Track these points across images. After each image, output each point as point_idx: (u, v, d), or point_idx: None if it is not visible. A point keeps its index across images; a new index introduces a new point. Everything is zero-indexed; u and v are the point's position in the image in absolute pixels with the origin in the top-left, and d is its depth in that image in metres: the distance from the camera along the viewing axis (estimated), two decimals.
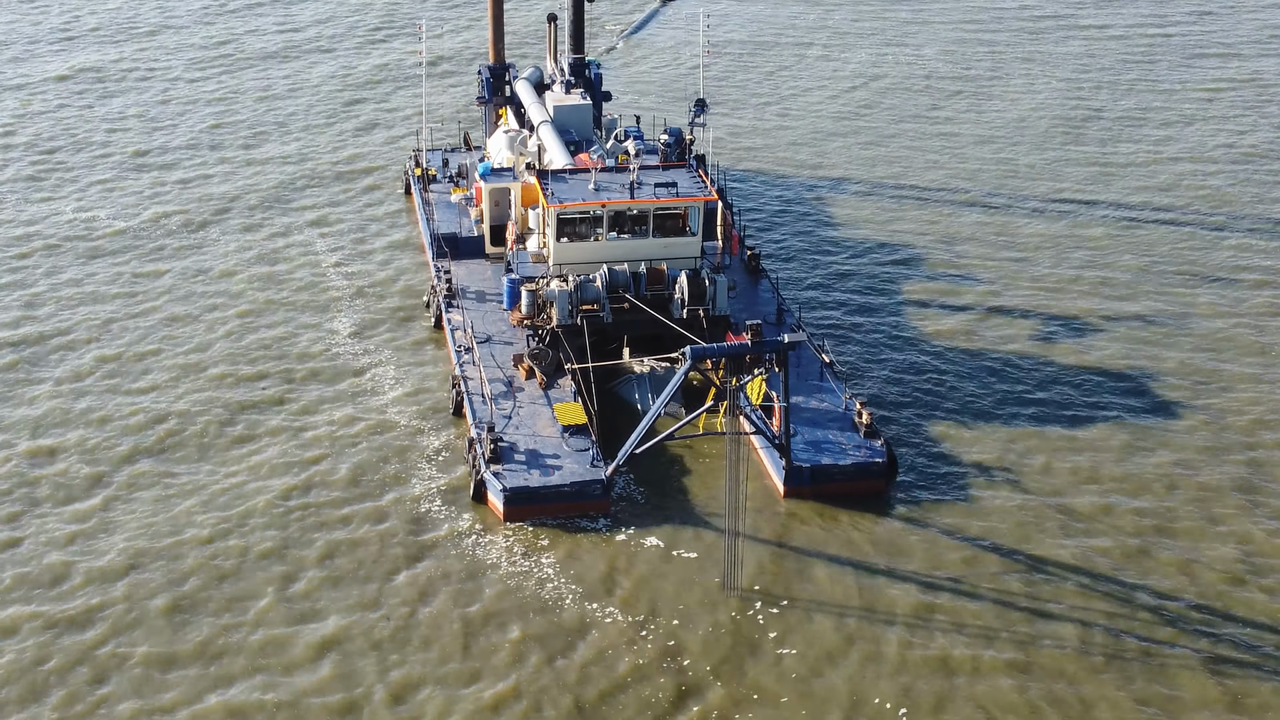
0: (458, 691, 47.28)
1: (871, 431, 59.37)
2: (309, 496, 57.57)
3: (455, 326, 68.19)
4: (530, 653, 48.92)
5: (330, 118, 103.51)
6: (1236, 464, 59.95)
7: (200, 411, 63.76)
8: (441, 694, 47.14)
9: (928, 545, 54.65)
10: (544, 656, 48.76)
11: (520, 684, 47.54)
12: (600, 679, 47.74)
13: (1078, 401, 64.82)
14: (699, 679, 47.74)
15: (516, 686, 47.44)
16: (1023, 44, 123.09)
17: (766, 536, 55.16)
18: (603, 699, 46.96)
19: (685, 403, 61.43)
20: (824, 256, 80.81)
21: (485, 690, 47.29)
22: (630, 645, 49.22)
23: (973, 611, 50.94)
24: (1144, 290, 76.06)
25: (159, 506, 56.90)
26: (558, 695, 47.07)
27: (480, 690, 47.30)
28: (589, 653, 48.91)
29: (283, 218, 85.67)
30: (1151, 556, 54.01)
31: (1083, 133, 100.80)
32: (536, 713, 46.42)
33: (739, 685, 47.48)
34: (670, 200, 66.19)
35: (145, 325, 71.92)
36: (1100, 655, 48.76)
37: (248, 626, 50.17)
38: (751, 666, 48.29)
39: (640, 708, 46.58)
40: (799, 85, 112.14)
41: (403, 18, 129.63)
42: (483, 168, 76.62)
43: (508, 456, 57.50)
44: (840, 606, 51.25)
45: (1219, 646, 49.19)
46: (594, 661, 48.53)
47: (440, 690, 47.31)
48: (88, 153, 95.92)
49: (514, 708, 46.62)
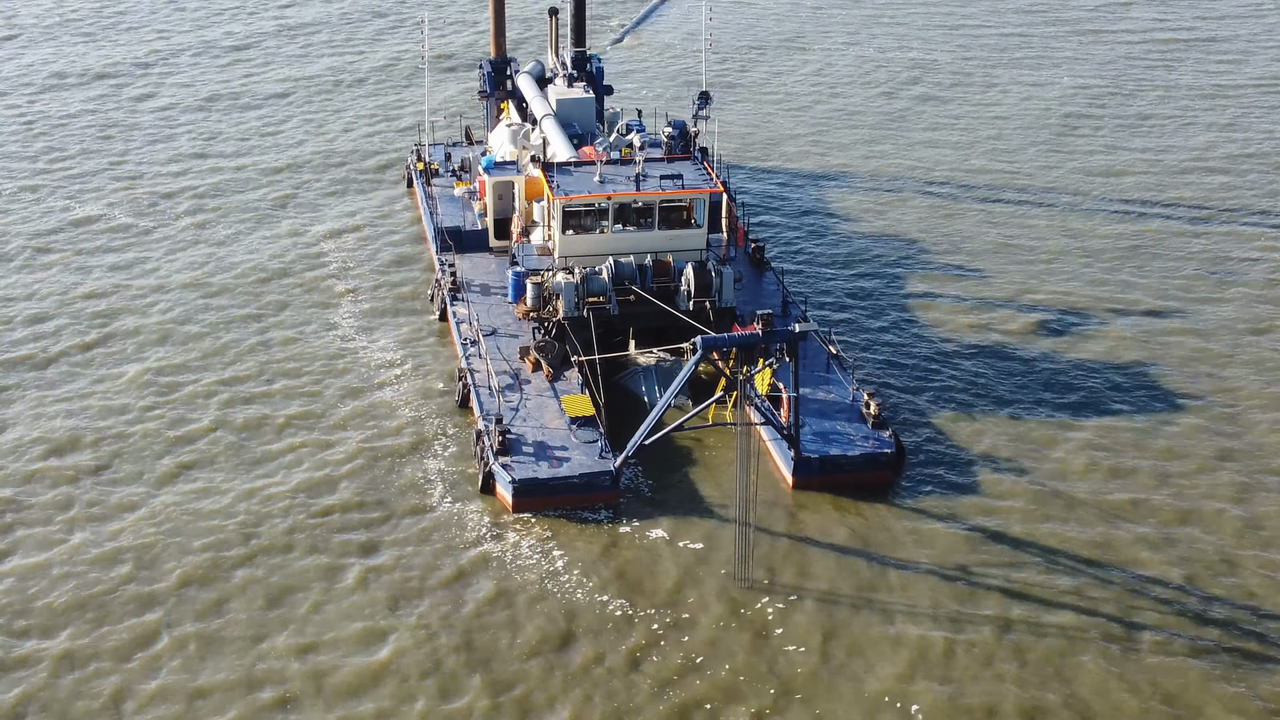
0: (461, 684, 47.27)
1: (879, 422, 59.34)
2: (313, 493, 57.46)
3: (460, 320, 68.14)
4: (537, 644, 48.86)
5: (330, 114, 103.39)
6: (1243, 454, 59.99)
7: (201, 407, 63.69)
8: (445, 685, 47.11)
9: (936, 535, 54.65)
10: (551, 648, 48.71)
11: (527, 675, 47.48)
12: (609, 670, 47.69)
13: (1086, 392, 64.82)
14: (708, 670, 47.69)
15: (524, 678, 47.39)
16: (1025, 37, 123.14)
17: (775, 527, 55.14)
18: (613, 691, 46.91)
19: (690, 395, 61.36)
20: (828, 249, 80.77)
21: (489, 684, 47.26)
22: (640, 636, 49.16)
23: (981, 600, 50.93)
24: (1152, 282, 76.03)
25: (169, 501, 56.92)
26: (566, 687, 47.04)
27: (482, 685, 47.27)
28: (596, 644, 48.85)
29: (283, 213, 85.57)
30: (1161, 547, 54.00)
31: (1087, 126, 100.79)
32: (545, 706, 46.38)
33: (749, 676, 47.44)
34: (676, 192, 66.14)
35: (145, 321, 71.87)
36: (1113, 645, 48.75)
37: (246, 615, 50.16)
38: (761, 657, 48.24)
39: (651, 698, 46.53)
40: (801, 78, 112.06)
41: (404, 12, 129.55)
42: (486, 161, 76.54)
43: (516, 448, 57.45)
44: (849, 597, 51.23)
45: (1222, 635, 49.30)
46: (602, 653, 48.47)
47: (444, 681, 47.29)
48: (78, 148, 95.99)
49: (519, 700, 46.55)
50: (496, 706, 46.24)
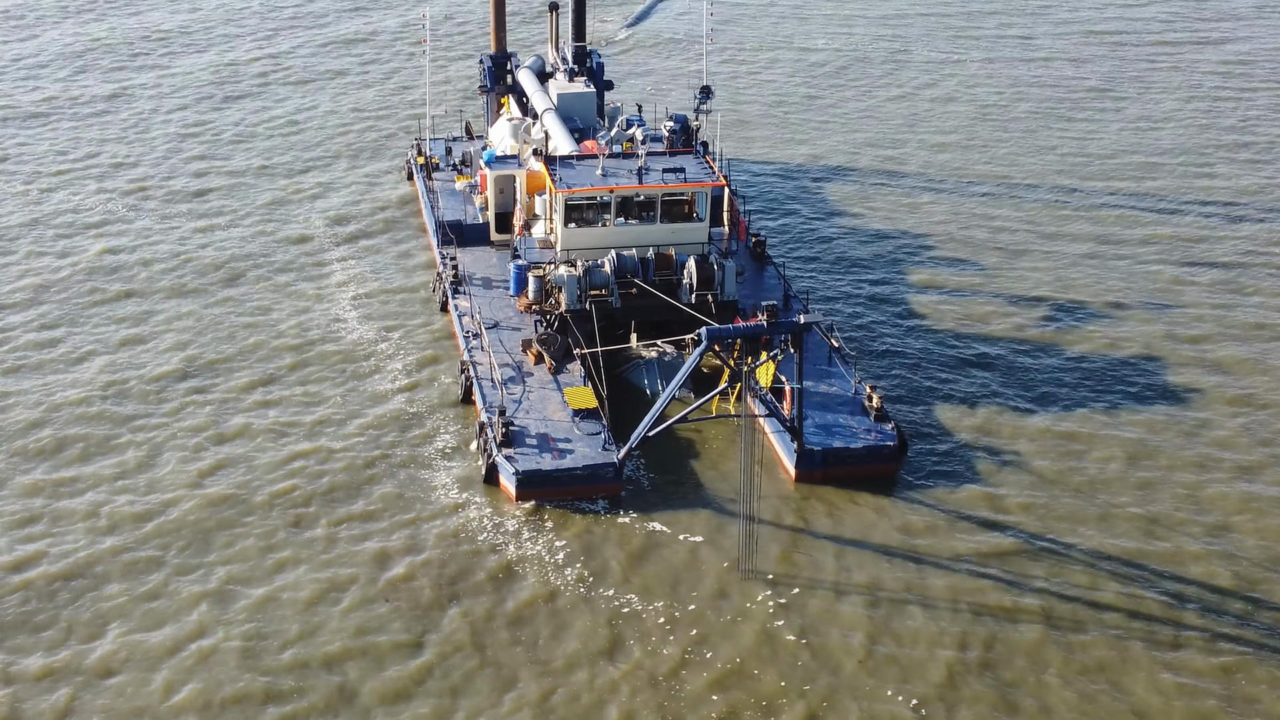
0: (464, 680, 47.37)
1: (881, 415, 59.50)
2: (318, 482, 57.52)
3: (462, 312, 68.25)
4: (540, 635, 48.97)
5: (331, 110, 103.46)
6: (1244, 446, 60.22)
7: (201, 400, 63.78)
8: (449, 679, 47.21)
9: (938, 526, 54.82)
10: (554, 638, 48.80)
11: (532, 669, 47.56)
12: (612, 663, 47.78)
13: (1086, 385, 65.01)
14: (711, 660, 47.80)
15: (529, 672, 47.47)
16: (1029, 31, 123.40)
17: (778, 519, 55.28)
18: (615, 683, 46.97)
19: (692, 388, 61.47)
20: (828, 243, 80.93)
21: (494, 678, 47.35)
22: (642, 627, 49.26)
23: (984, 591, 51.07)
24: (1157, 278, 76.20)
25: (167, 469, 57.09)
26: (571, 681, 47.11)
27: (488, 679, 47.34)
28: (599, 635, 48.93)
29: (284, 209, 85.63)
30: (1163, 541, 54.18)
31: (1091, 122, 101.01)
32: (546, 696, 46.45)
33: (752, 667, 47.54)
34: (678, 186, 66.29)
35: (144, 309, 71.99)
36: (1118, 633, 48.93)
37: (246, 601, 50.30)
38: (764, 648, 48.33)
39: (653, 688, 46.62)
40: (802, 74, 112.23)
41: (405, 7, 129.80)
42: (487, 155, 76.67)
43: (519, 440, 57.57)
44: (851, 588, 51.36)
45: (1226, 628, 49.51)
46: (604, 644, 48.55)
47: (448, 675, 47.38)
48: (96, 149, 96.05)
49: (523, 695, 46.66)
50: (499, 695, 46.34)
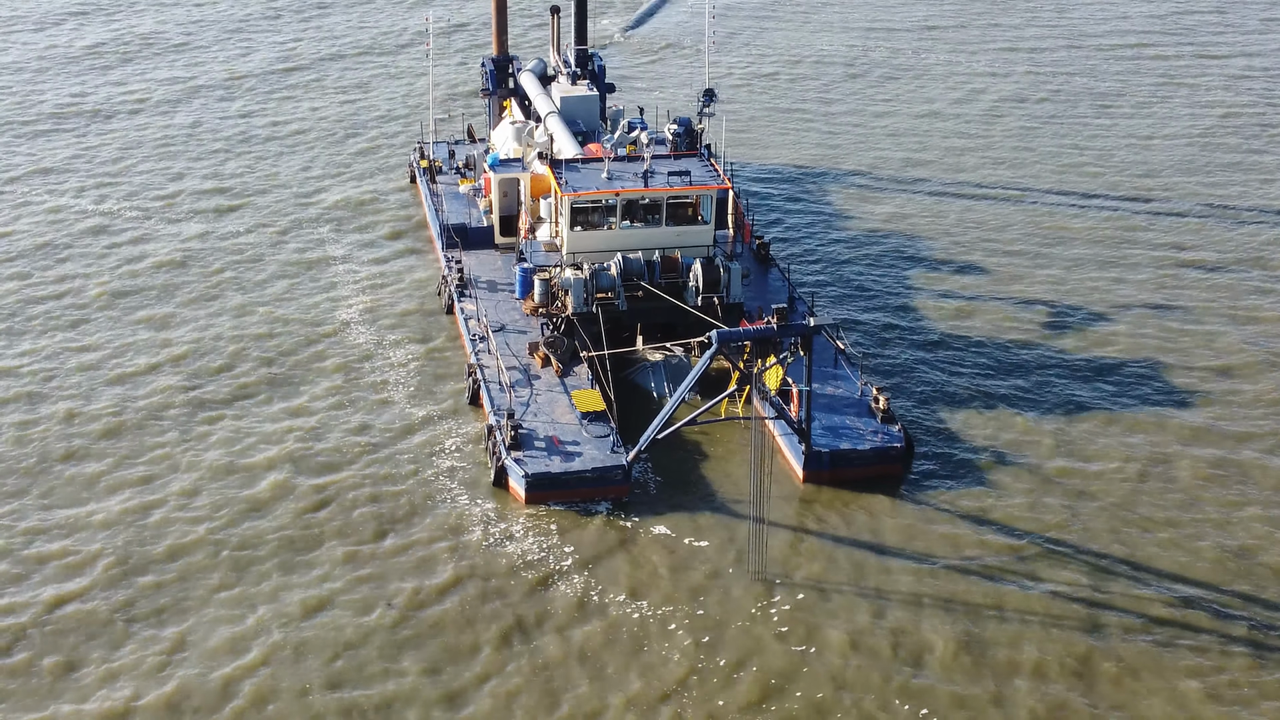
0: (470, 684, 47.51)
1: (888, 417, 59.67)
2: (325, 487, 57.58)
3: (468, 316, 68.35)
4: (549, 636, 49.09)
5: (333, 114, 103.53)
6: (1253, 449, 60.40)
7: (203, 400, 63.85)
8: (453, 683, 47.33)
9: (945, 528, 54.96)
10: (563, 639, 48.91)
11: (539, 674, 47.67)
12: (620, 665, 47.87)
13: (1093, 387, 65.18)
14: (721, 662, 47.91)
15: (533, 670, 47.58)
16: (1033, 31, 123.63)
17: (786, 521, 55.42)
18: (625, 683, 47.07)
19: (699, 391, 61.56)
20: (833, 246, 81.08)
21: (498, 673, 47.46)
22: (651, 629, 49.37)
23: (992, 594, 51.21)
24: (1165, 281, 76.29)
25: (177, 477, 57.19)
26: (578, 680, 47.22)
27: (494, 683, 47.45)
28: (608, 636, 49.05)
29: (285, 214, 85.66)
30: (1168, 542, 54.32)
31: (1095, 122, 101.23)
32: (555, 695, 46.58)
33: (762, 670, 47.65)
34: (683, 189, 66.45)
35: (144, 309, 72.10)
36: (1129, 634, 49.09)
37: (252, 601, 50.43)
38: (774, 649, 48.45)
39: (663, 689, 46.73)
40: (805, 75, 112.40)
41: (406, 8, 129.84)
42: (491, 158, 76.81)
43: (528, 443, 57.68)
44: (860, 589, 51.49)
45: (1237, 627, 49.70)
46: (614, 645, 48.67)
47: (453, 679, 47.49)
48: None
49: (526, 691, 46.76)
50: (507, 700, 46.45)
